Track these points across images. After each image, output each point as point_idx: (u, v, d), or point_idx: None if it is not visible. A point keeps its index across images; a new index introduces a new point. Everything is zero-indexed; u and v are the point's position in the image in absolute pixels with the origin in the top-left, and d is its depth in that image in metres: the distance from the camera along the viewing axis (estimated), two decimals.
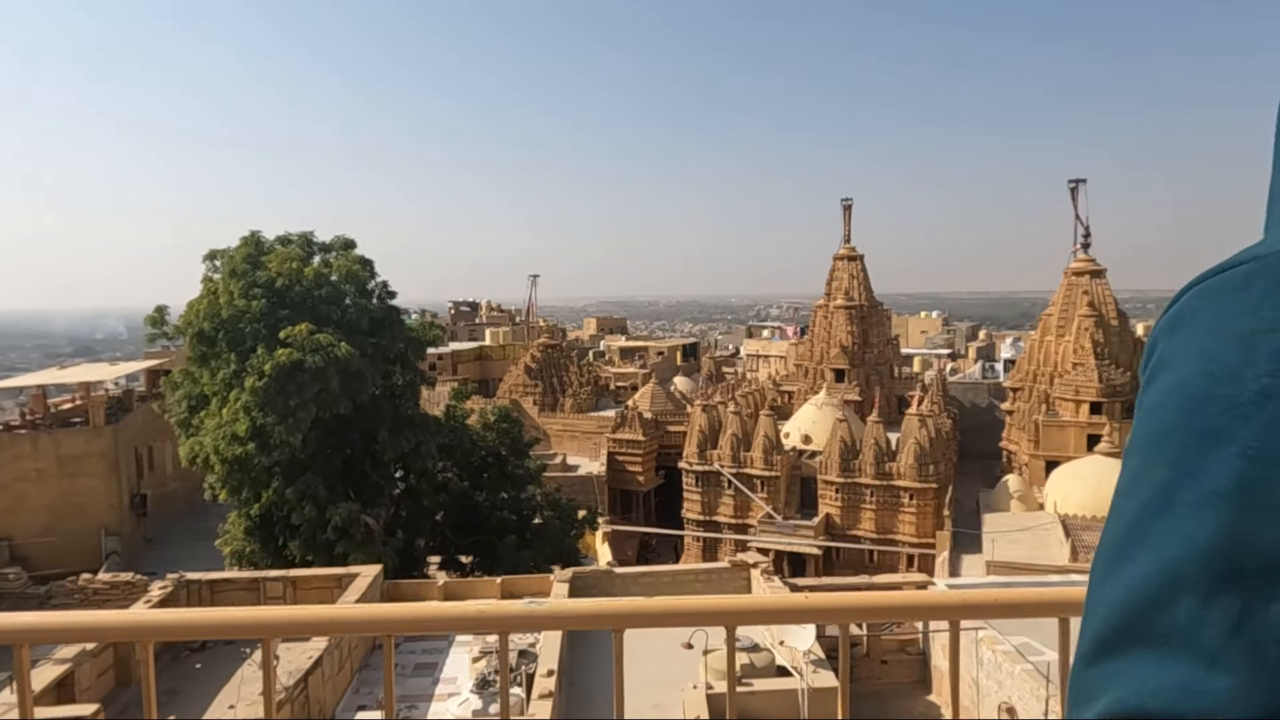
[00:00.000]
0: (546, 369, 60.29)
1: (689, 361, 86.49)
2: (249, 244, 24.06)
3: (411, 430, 24.59)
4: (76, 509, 31.59)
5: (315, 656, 13.39)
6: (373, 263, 25.41)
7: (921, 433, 37.72)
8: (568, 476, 46.79)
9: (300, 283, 23.08)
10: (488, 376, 74.85)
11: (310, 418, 21.86)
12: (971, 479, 43.63)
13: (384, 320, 24.98)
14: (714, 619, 1.92)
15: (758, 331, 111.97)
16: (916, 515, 37.28)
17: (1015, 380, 44.70)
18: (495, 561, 26.65)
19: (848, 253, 48.20)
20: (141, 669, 6.91)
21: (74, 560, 29.65)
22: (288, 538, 23.74)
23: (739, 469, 40.92)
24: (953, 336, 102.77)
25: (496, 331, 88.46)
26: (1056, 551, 28.80)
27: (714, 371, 66.94)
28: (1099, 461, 34.27)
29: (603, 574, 17.16)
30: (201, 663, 16.38)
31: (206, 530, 28.55)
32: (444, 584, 18.74)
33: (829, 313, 47.91)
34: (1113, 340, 40.94)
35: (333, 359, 21.35)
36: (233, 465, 22.37)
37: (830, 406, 42.32)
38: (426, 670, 16.38)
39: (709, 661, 12.71)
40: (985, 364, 74.45)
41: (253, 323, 22.19)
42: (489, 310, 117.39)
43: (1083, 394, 38.71)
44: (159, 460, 36.50)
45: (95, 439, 32.25)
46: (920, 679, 17.29)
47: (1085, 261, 42.78)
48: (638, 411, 50.79)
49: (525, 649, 14.26)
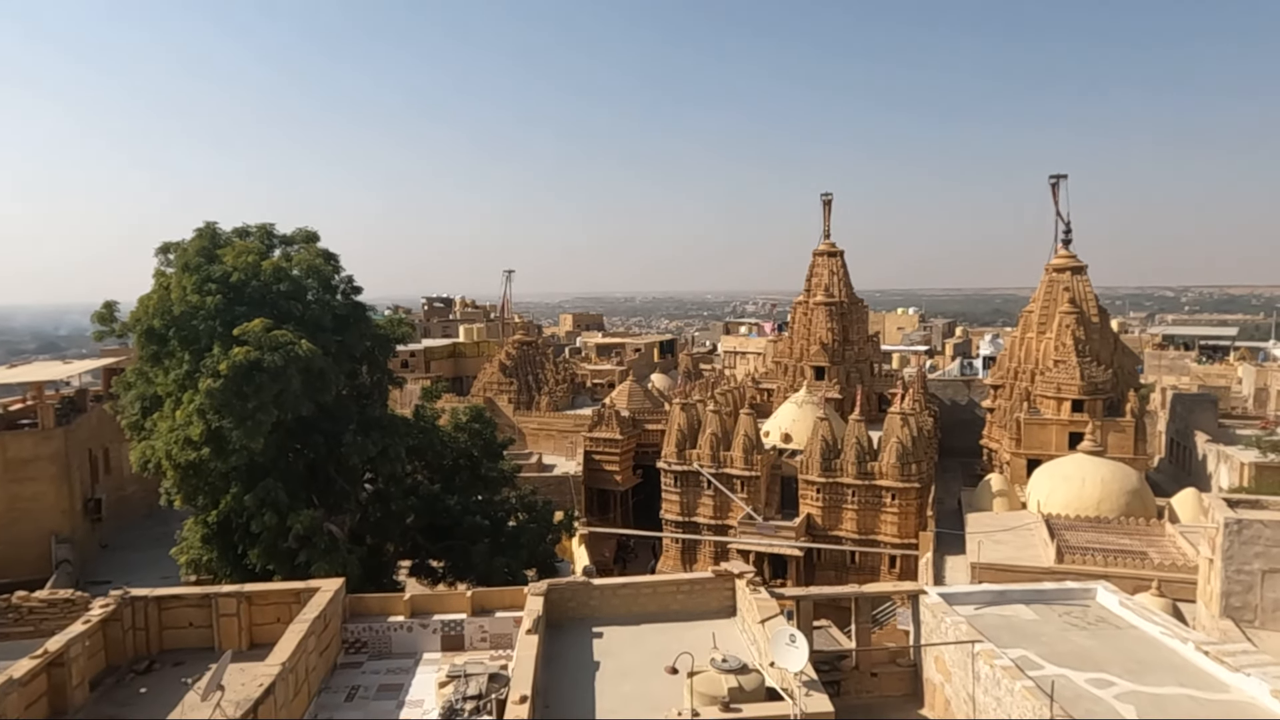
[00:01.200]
0: (522, 366, 59.18)
1: (666, 358, 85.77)
2: (204, 236, 22.73)
3: (379, 432, 23.46)
4: (24, 514, 30.07)
5: (267, 684, 12.30)
6: (337, 257, 24.19)
7: (904, 431, 37.15)
8: (544, 476, 45.80)
9: (258, 277, 21.81)
10: (462, 374, 73.57)
11: (270, 420, 20.65)
12: (952, 477, 43.23)
13: (349, 317, 23.79)
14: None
15: (735, 328, 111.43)
16: (899, 515, 36.71)
17: (996, 377, 44.32)
18: (468, 567, 25.65)
19: (828, 248, 47.55)
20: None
21: (22, 569, 28.21)
22: (247, 546, 22.55)
23: (718, 469, 40.13)
24: (930, 333, 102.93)
25: (471, 328, 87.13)
26: (1041, 552, 28.30)
27: (691, 368, 66.21)
28: (1082, 460, 33.87)
29: (580, 586, 16.18)
30: (147, 686, 15.21)
31: (165, 536, 27.23)
32: (411, 597, 17.67)
33: (809, 309, 47.24)
34: (1094, 337, 40.64)
35: (293, 358, 20.16)
36: (186, 471, 21.12)
37: (811, 405, 41.65)
38: (391, 692, 15.33)
39: (694, 685, 11.83)
40: (963, 361, 74.44)
41: (207, 320, 20.90)
42: (463, 306, 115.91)
43: (1064, 391, 38.36)
44: (115, 463, 34.94)
45: (45, 441, 30.70)
46: (912, 692, 16.56)
47: (1066, 258, 42.44)
48: (615, 410, 49.88)
49: (496, 672, 13.28)
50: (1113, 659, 13.85)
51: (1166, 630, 14.83)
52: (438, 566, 27.13)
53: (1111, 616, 15.95)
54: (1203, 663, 13.57)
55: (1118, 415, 38.23)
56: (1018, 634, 15.00)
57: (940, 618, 15.32)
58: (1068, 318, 40.40)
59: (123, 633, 15.97)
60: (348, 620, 17.25)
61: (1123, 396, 38.98)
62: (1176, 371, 68.41)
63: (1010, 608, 16.35)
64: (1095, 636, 14.95)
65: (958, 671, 14.56)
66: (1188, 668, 13.54)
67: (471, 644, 17.17)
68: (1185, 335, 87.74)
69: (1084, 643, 14.62)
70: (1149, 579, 23.52)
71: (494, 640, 17.15)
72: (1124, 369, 41.81)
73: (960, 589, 17.83)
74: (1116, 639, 14.82)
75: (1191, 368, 68.88)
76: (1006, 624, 15.51)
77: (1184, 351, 77.72)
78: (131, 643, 16.16)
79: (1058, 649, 14.30)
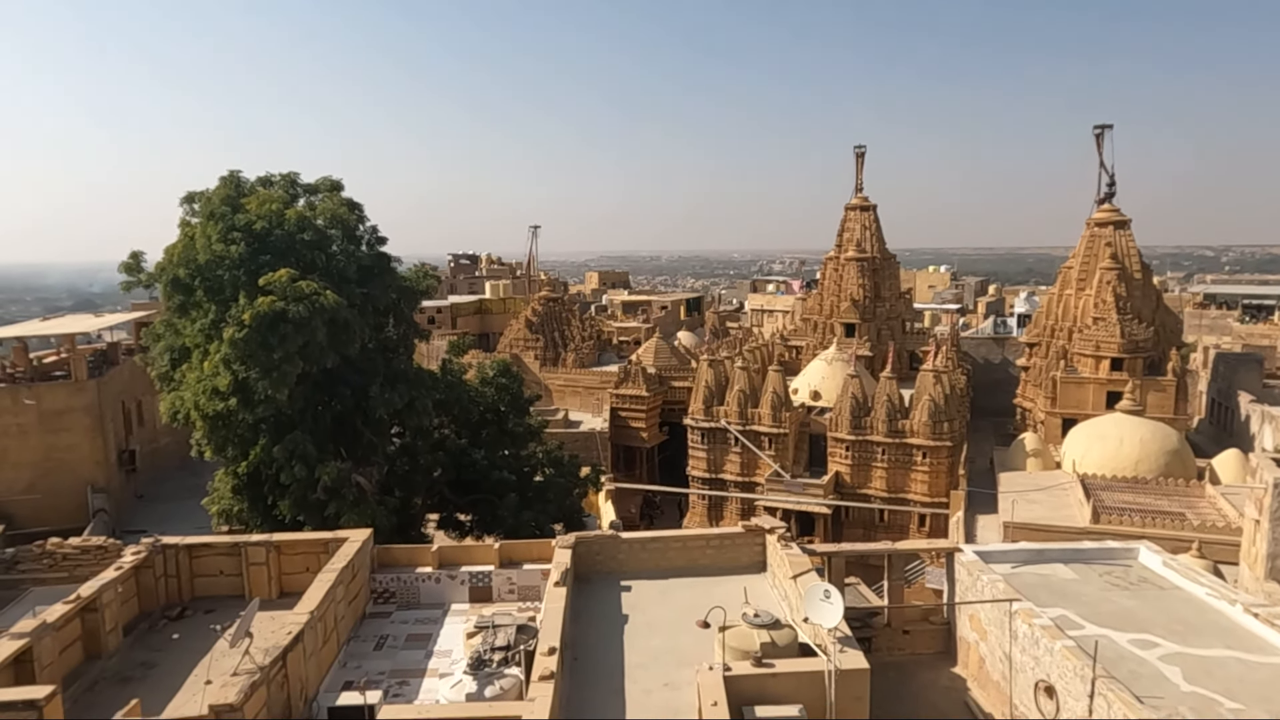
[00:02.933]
0: (548, 323, 58.93)
1: (692, 316, 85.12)
2: (228, 184, 22.43)
3: (405, 385, 23.29)
4: (60, 465, 30.57)
5: (295, 631, 12.27)
6: (361, 206, 23.81)
7: (936, 389, 36.46)
8: (570, 433, 45.80)
9: (282, 226, 21.51)
10: (488, 330, 73.59)
11: (296, 371, 20.52)
12: (984, 437, 42.56)
13: (374, 268, 23.48)
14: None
15: (762, 286, 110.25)
16: (929, 474, 36.21)
17: (1032, 335, 43.27)
18: (496, 521, 25.66)
19: (860, 203, 46.39)
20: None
21: (59, 518, 28.75)
22: (277, 497, 22.66)
23: (746, 426, 39.79)
24: (961, 291, 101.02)
25: (496, 285, 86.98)
26: (1076, 512, 27.74)
27: (718, 326, 65.55)
28: (1120, 419, 33.05)
29: (608, 540, 16.00)
30: (179, 632, 15.33)
31: (198, 487, 27.55)
32: (439, 549, 17.61)
33: (840, 265, 46.31)
34: (1136, 294, 39.41)
35: (318, 308, 19.93)
36: (215, 422, 21.14)
37: (840, 362, 41.02)
38: (419, 642, 15.32)
39: (726, 639, 11.60)
40: (996, 319, 73.00)
41: (231, 269, 20.70)
42: (489, 263, 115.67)
43: (1103, 349, 37.34)
44: (148, 415, 35.36)
45: (78, 393, 31.06)
46: (944, 650, 16.29)
47: (1109, 211, 41.00)
48: (641, 367, 49.56)
49: (524, 623, 13.16)
50: (1156, 620, 13.41)
51: (1213, 591, 14.33)
52: (465, 520, 27.20)
53: (1154, 577, 15.47)
54: (1252, 625, 13.09)
55: (1158, 374, 37.19)
56: (1057, 593, 14.59)
57: (976, 575, 14.94)
58: (1109, 273, 39.16)
59: (154, 580, 16.10)
60: (376, 571, 17.26)
61: (1164, 355, 37.89)
62: (1218, 331, 66.54)
63: (1048, 567, 15.92)
64: (1138, 597, 14.50)
65: (994, 630, 14.21)
66: (1236, 630, 13.08)
67: (499, 596, 17.13)
68: (1227, 294, 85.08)
69: (1126, 603, 14.18)
70: (1189, 540, 22.89)
71: (521, 592, 17.09)
72: (1166, 327, 40.59)
73: (997, 547, 17.43)
74: (1160, 600, 14.36)
75: (1234, 327, 66.93)
76: (1044, 583, 15.10)
77: (1225, 311, 75.51)
78: (163, 589, 16.30)
79: (1099, 609, 13.89)
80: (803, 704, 10.73)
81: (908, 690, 14.98)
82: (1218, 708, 10.59)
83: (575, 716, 11.15)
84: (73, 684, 12.99)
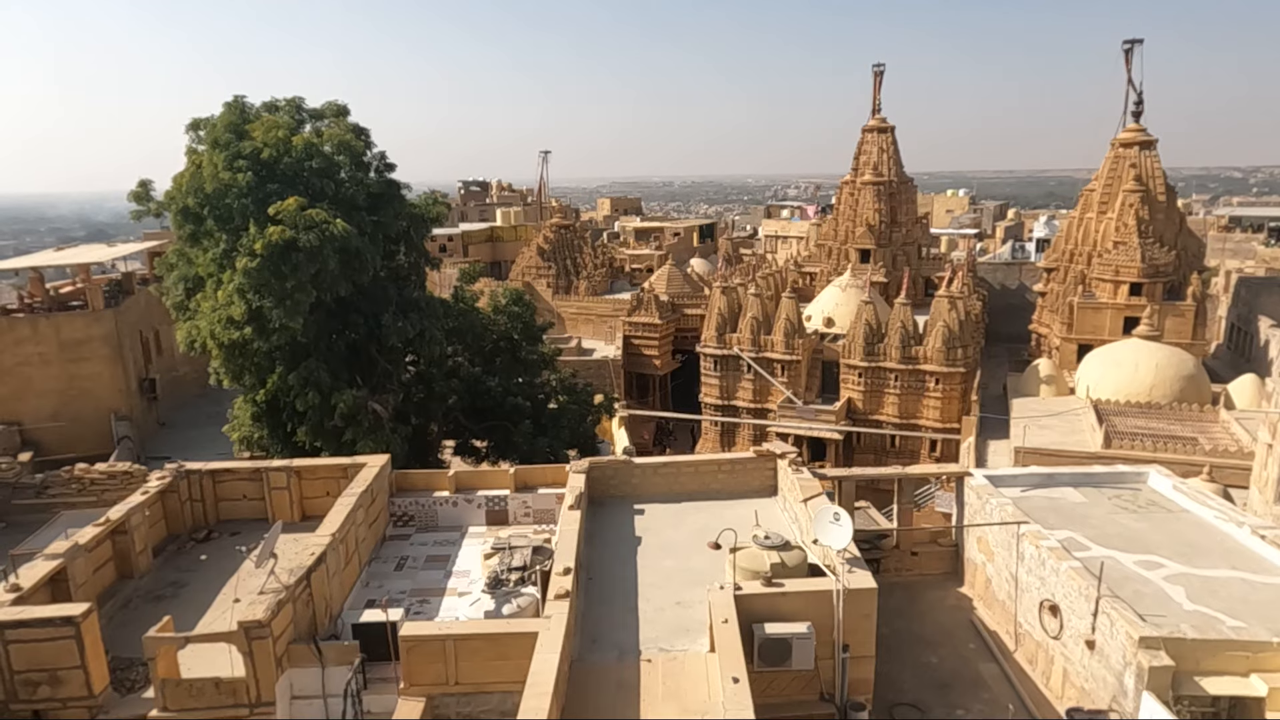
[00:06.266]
0: (560, 250, 58.55)
1: (705, 243, 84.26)
2: (232, 111, 22.06)
3: (417, 314, 23.33)
4: (83, 393, 31.10)
5: (318, 552, 12.64)
6: (368, 131, 23.38)
7: (951, 315, 36.20)
8: (583, 360, 46.04)
9: (289, 154, 21.22)
10: (499, 258, 73.29)
11: (309, 300, 20.58)
12: (998, 363, 42.43)
13: (383, 195, 23.22)
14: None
15: (776, 212, 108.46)
16: (942, 400, 36.29)
17: (1050, 260, 42.61)
18: (510, 447, 26.03)
19: (878, 124, 45.19)
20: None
21: (84, 446, 29.39)
22: (296, 424, 23.03)
23: (758, 353, 39.81)
24: (980, 216, 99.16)
25: (507, 212, 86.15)
26: (1088, 438, 27.82)
27: (731, 253, 64.88)
28: (1136, 345, 32.80)
29: (621, 464, 16.22)
30: (207, 554, 15.85)
31: (219, 414, 28.04)
32: (455, 473, 17.96)
33: (855, 190, 45.45)
34: (1159, 217, 38.55)
35: (328, 237, 19.84)
36: (230, 350, 21.33)
37: (855, 288, 40.69)
38: (438, 563, 15.77)
39: (737, 560, 11.86)
40: (1015, 244, 71.86)
41: (239, 198, 20.54)
42: (499, 190, 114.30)
43: (1123, 274, 36.79)
44: (166, 344, 35.73)
45: (96, 322, 31.36)
46: (952, 570, 16.61)
47: (1135, 131, 39.77)
48: (654, 294, 49.40)
49: (540, 545, 13.49)
50: (1163, 542, 13.58)
51: (1221, 514, 14.45)
52: (481, 446, 27.60)
53: (1163, 500, 15.59)
54: (1258, 547, 13.23)
55: (1178, 299, 36.69)
56: (1065, 516, 14.76)
57: (985, 499, 15.11)
58: (1132, 196, 38.25)
59: (180, 504, 16.55)
60: (395, 495, 17.65)
61: (1184, 280, 37.30)
62: (1241, 255, 65.24)
63: (1058, 490, 16.06)
64: (1146, 519, 14.65)
65: (1001, 552, 14.45)
66: (1242, 552, 13.23)
67: (515, 519, 17.52)
68: (1254, 216, 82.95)
69: (1134, 525, 14.34)
70: (1199, 464, 22.99)
71: (537, 516, 17.47)
72: (1188, 251, 39.82)
73: (1007, 471, 17.53)
74: (1168, 522, 14.50)
75: (1258, 251, 65.54)
76: (1053, 506, 15.26)
77: (1251, 234, 73.80)
78: (189, 513, 16.77)
79: (1106, 531, 14.06)
80: (811, 621, 11.03)
81: (914, 609, 15.35)
82: (1219, 625, 10.80)
83: (590, 633, 11.52)
84: (107, 602, 13.52)
